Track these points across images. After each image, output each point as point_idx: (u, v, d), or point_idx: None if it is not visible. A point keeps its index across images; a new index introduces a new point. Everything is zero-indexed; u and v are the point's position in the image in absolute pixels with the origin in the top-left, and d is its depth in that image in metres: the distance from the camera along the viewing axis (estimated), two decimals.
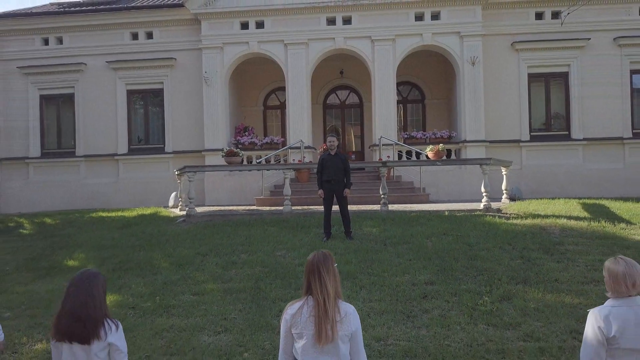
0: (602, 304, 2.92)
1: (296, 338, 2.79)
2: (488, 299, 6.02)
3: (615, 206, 10.29)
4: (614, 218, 9.16)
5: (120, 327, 3.01)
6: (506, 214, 9.74)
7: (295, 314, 2.80)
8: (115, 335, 2.95)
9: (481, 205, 9.96)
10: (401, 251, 7.67)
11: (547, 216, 9.33)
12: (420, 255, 7.43)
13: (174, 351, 5.14)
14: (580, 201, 10.92)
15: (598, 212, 9.72)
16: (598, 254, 7.26)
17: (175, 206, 12.71)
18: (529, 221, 8.99)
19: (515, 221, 9.07)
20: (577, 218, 9.12)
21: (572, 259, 7.15)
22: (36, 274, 7.72)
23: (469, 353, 4.88)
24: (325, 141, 15.48)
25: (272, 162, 13.67)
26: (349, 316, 2.80)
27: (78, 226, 11.02)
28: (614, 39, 13.98)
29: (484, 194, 9.94)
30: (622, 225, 8.71)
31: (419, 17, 14.15)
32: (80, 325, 2.87)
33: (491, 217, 9.38)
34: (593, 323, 2.76)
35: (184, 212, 10.81)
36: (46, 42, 15.38)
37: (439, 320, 5.58)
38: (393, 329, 5.42)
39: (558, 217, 9.22)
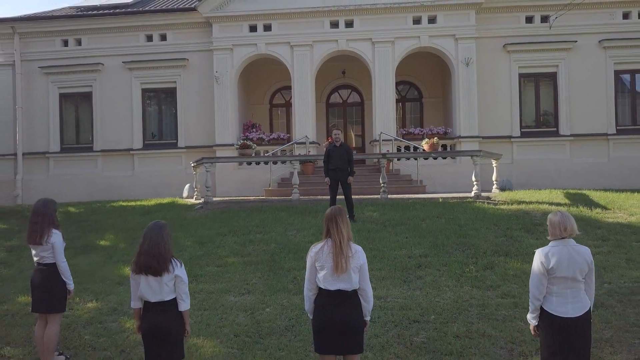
0: None
1: (318, 270, 3.73)
2: (473, 267, 6.98)
3: (595, 195, 11.25)
4: (592, 204, 10.12)
5: (183, 264, 3.96)
6: (494, 200, 10.69)
7: (318, 252, 3.74)
8: (179, 270, 3.90)
9: (472, 193, 10.91)
10: (399, 231, 8.62)
11: (531, 202, 10.29)
12: (415, 234, 8.38)
13: (207, 307, 6.09)
14: (564, 191, 11.88)
15: (578, 199, 10.67)
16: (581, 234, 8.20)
17: (190, 197, 13.64)
18: (514, 207, 9.95)
19: (502, 207, 10.04)
20: (558, 204, 10.09)
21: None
22: (74, 251, 8.66)
23: (455, 307, 5.84)
24: (328, 137, 16.49)
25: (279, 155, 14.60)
26: (358, 253, 3.74)
27: (102, 213, 11.97)
28: (599, 41, 14.92)
29: (474, 183, 10.89)
30: (598, 210, 9.67)
31: (417, 21, 15.08)
32: (155, 262, 3.81)
33: (480, 203, 10.34)
34: (537, 259, 3.72)
35: (201, 200, 11.76)
36: (66, 43, 16.30)
37: (430, 284, 6.54)
38: (391, 290, 6.38)
39: (541, 203, 10.18)
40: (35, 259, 5.01)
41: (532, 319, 3.79)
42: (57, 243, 4.92)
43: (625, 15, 15.00)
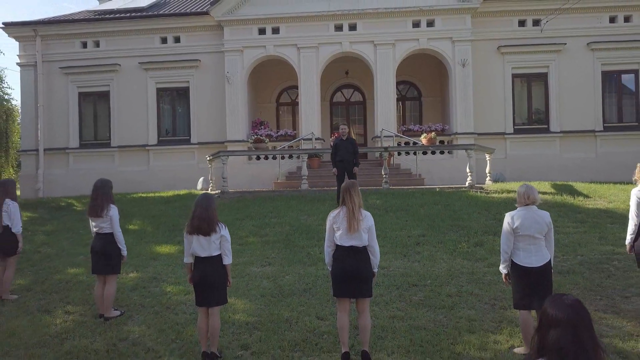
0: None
1: (336, 230, 4.69)
2: (465, 244, 7.95)
3: (580, 186, 12.22)
4: (575, 193, 11.09)
5: (226, 227, 4.91)
6: (487, 190, 11.66)
7: (335, 216, 4.70)
8: (224, 231, 4.86)
9: (466, 184, 11.88)
10: (400, 215, 9.59)
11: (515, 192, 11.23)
12: (414, 218, 9.35)
13: (234, 276, 7.02)
14: (552, 183, 12.84)
15: (564, 189, 11.64)
16: (555, 216, 9.16)
17: (204, 189, 14.60)
18: (504, 195, 10.91)
19: (493, 195, 11.01)
20: (544, 193, 11.05)
21: None
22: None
23: (448, 274, 6.81)
24: (331, 133, 17.45)
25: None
26: (367, 217, 4.70)
27: (124, 203, 12.88)
28: (587, 43, 15.89)
29: (468, 174, 11.85)
30: (580, 198, 10.64)
31: (416, 24, 16.05)
32: (205, 224, 4.77)
33: (474, 192, 11.32)
34: (506, 220, 4.70)
35: (217, 191, 12.72)
36: (85, 45, 17.27)
37: (427, 257, 7.51)
38: (393, 262, 7.35)
39: None
40: (94, 229, 5.97)
41: (502, 269, 4.77)
42: (114, 216, 5.89)
43: (612, 19, 15.97)
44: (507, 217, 4.69)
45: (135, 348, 5.03)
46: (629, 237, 5.31)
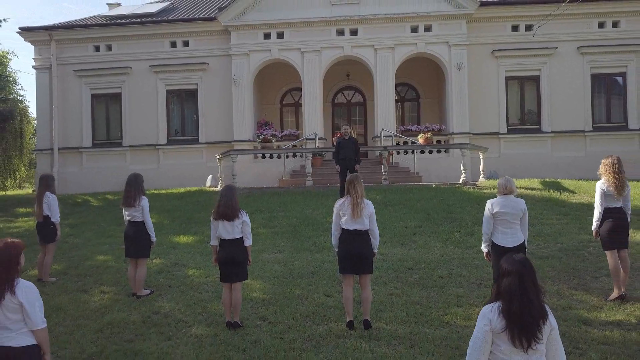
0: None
1: (341, 216, 5.48)
2: (457, 234, 8.74)
3: (567, 183, 13.01)
4: (562, 189, 11.88)
5: (247, 214, 5.70)
6: (480, 186, 12.46)
7: (341, 204, 5.49)
8: (245, 217, 5.64)
9: (460, 180, 12.66)
10: (398, 209, 10.39)
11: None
12: (411, 211, 10.15)
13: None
14: (541, 180, 13.63)
15: (551, 186, 12.43)
16: (541, 209, 9.99)
17: (213, 186, 15.38)
18: (495, 191, 11.66)
19: (485, 191, 11.80)
20: (533, 189, 11.85)
21: None
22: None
23: (440, 259, 7.60)
24: (333, 133, 18.24)
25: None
26: (368, 205, 5.49)
27: None
28: (577, 48, 16.68)
29: (462, 171, 12.64)
30: (566, 193, 11.44)
31: (414, 30, 16.84)
32: (229, 211, 5.56)
33: (467, 188, 12.11)
34: (487, 206, 5.52)
35: None
36: (97, 49, 18.08)
37: (422, 245, 8.31)
38: (391, 250, 8.14)
39: (519, 188, 11.89)
40: (127, 218, 6.78)
41: (484, 248, 5.58)
42: (145, 206, 6.69)
43: (601, 25, 16.78)
44: (488, 204, 5.49)
45: (167, 319, 5.82)
46: (594, 224, 6.10)
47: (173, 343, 5.25)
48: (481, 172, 14.02)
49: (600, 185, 6.05)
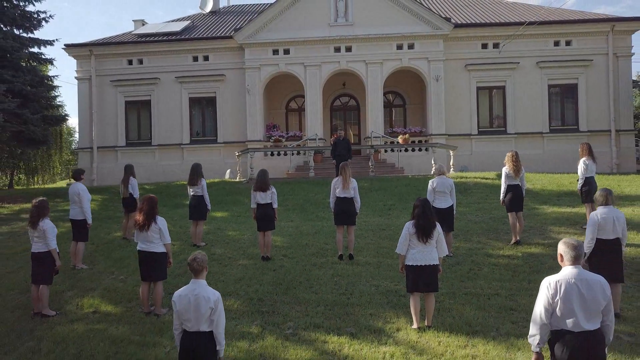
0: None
1: (335, 188, 8.65)
2: None
3: None
4: None
5: (274, 188, 8.87)
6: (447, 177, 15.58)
7: (336, 181, 8.67)
8: (274, 189, 8.84)
9: (432, 172, 15.81)
10: (379, 193, 13.54)
11: (469, 177, 15.23)
12: (389, 194, 13.31)
13: None
14: (498, 172, 16.78)
15: None
16: (487, 192, 13.15)
17: (232, 178, 18.51)
18: (458, 180, 14.85)
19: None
20: (487, 178, 15.01)
21: (474, 194, 13.07)
22: (167, 208, 13.52)
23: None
24: (332, 134, 21.36)
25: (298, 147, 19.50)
26: (353, 181, 8.66)
27: (172, 189, 16.82)
28: (537, 62, 19.84)
29: (433, 165, 15.79)
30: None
31: (400, 47, 19.99)
32: (263, 184, 8.75)
33: None
34: (429, 184, 8.66)
35: (245, 179, 16.66)
36: (130, 62, 21.20)
37: (395, 216, 11.46)
38: (372, 219, 11.30)
39: (476, 178, 15.11)
40: (191, 193, 9.93)
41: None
42: (204, 185, 9.85)
43: (556, 43, 19.94)
44: (430, 182, 8.64)
45: (221, 257, 8.96)
46: (502, 196, 9.25)
47: (229, 269, 8.41)
48: (451, 166, 17.18)
49: (504, 170, 9.20)
